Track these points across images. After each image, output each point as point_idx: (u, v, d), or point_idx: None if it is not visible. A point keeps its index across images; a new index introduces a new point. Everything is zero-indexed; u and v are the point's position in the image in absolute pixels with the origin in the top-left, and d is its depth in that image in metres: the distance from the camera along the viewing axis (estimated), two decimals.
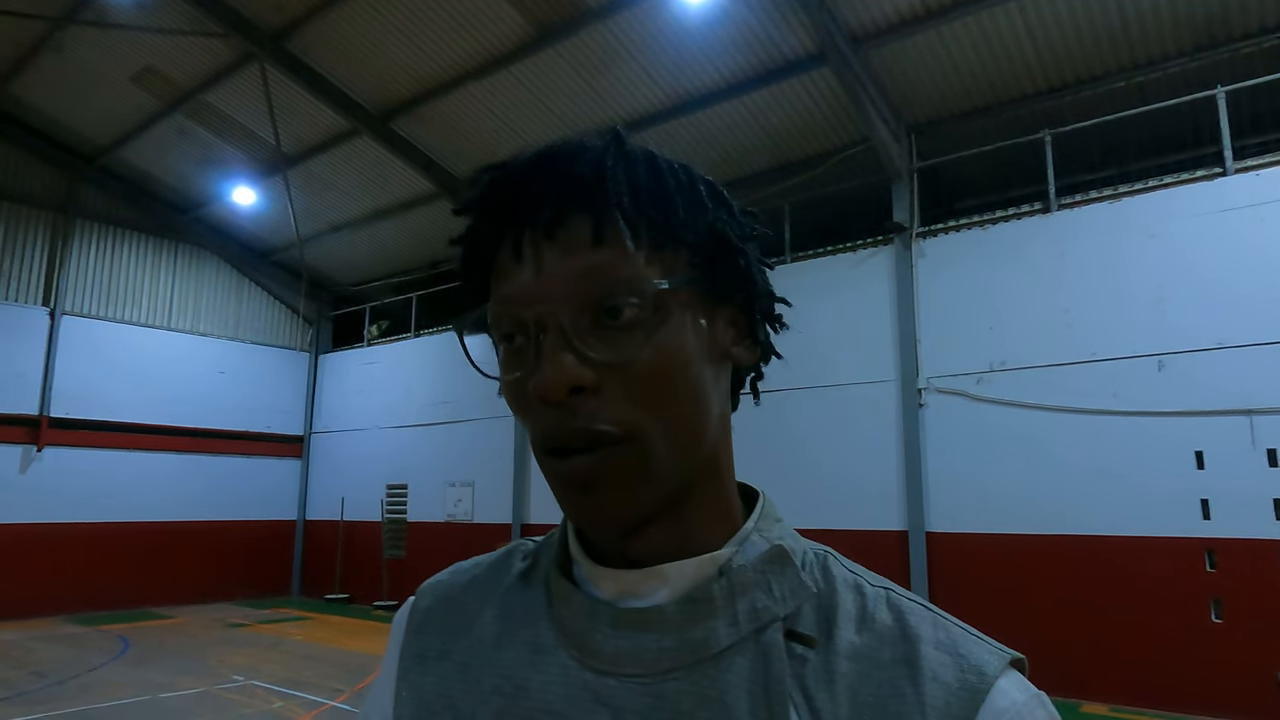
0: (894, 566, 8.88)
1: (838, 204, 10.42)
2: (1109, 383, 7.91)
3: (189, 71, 11.58)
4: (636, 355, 0.55)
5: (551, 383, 0.54)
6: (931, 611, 0.59)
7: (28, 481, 12.71)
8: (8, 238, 13.05)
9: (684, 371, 0.57)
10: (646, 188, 0.58)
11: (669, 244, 0.57)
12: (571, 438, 0.55)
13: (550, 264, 0.56)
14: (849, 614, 0.58)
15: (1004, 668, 0.56)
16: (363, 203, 13.74)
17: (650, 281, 0.55)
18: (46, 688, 8.01)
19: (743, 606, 0.57)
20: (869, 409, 9.36)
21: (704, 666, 0.56)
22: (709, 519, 0.61)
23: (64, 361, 13.19)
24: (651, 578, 0.59)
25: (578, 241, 0.55)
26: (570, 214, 0.56)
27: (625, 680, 0.57)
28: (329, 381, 16.34)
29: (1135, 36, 8.21)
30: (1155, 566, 7.46)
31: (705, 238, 0.59)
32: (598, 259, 0.55)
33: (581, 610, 0.60)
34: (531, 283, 0.56)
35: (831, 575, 0.61)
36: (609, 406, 0.55)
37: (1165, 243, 7.84)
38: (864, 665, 0.56)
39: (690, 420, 0.58)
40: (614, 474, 0.55)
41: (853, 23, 8.67)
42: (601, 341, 0.55)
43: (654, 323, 0.55)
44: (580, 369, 0.54)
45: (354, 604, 14.48)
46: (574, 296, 0.55)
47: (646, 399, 0.55)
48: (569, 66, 9.99)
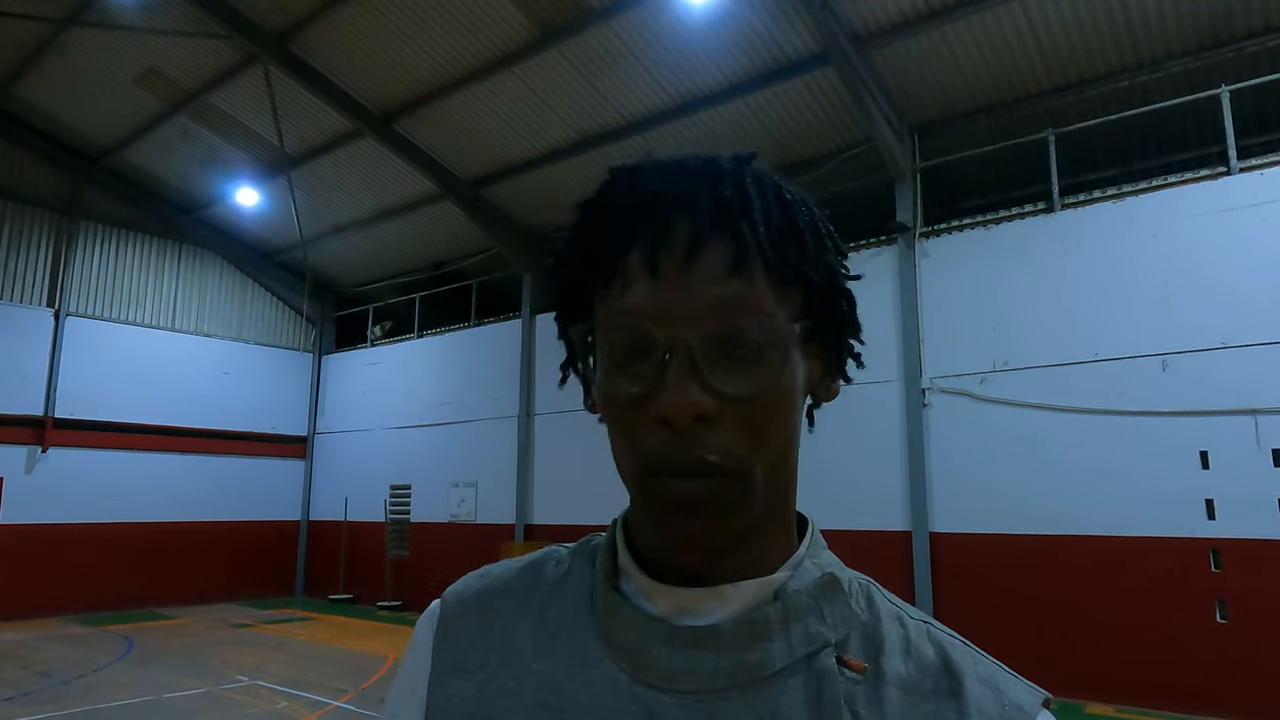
0: (898, 567, 8.88)
1: (841, 204, 10.39)
2: (1113, 383, 7.90)
3: (192, 73, 11.61)
4: (760, 392, 0.55)
5: (679, 408, 0.53)
6: (969, 647, 0.62)
7: (33, 482, 12.74)
8: (13, 239, 13.09)
9: (791, 410, 0.59)
10: (780, 221, 0.58)
11: (794, 281, 0.58)
12: (686, 465, 0.55)
13: (687, 286, 0.55)
14: (895, 644, 0.60)
15: (1039, 706, 0.58)
16: (366, 203, 13.76)
17: (785, 322, 0.56)
18: (51, 688, 8.03)
19: (797, 631, 0.58)
20: (872, 409, 9.35)
21: (759, 687, 0.57)
22: (772, 543, 0.62)
23: (68, 362, 13.23)
24: (711, 597, 0.59)
25: (716, 267, 0.55)
26: (712, 238, 0.56)
27: (680, 697, 0.57)
28: (333, 382, 16.36)
29: (1139, 36, 8.19)
30: (1160, 567, 7.44)
31: (824, 278, 0.60)
32: (735, 290, 0.55)
33: (635, 624, 0.60)
34: (665, 300, 0.55)
35: (876, 605, 0.63)
36: (725, 438, 0.55)
37: (1169, 242, 7.82)
38: (911, 694, 0.57)
39: (785, 455, 0.60)
40: (720, 503, 0.56)
41: (855, 22, 8.66)
42: (727, 373, 0.55)
43: (780, 361, 0.56)
44: (706, 399, 0.54)
45: (358, 604, 14.50)
46: (707, 324, 0.54)
47: (758, 434, 0.56)
48: (572, 67, 10.00)
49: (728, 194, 0.57)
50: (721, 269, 0.55)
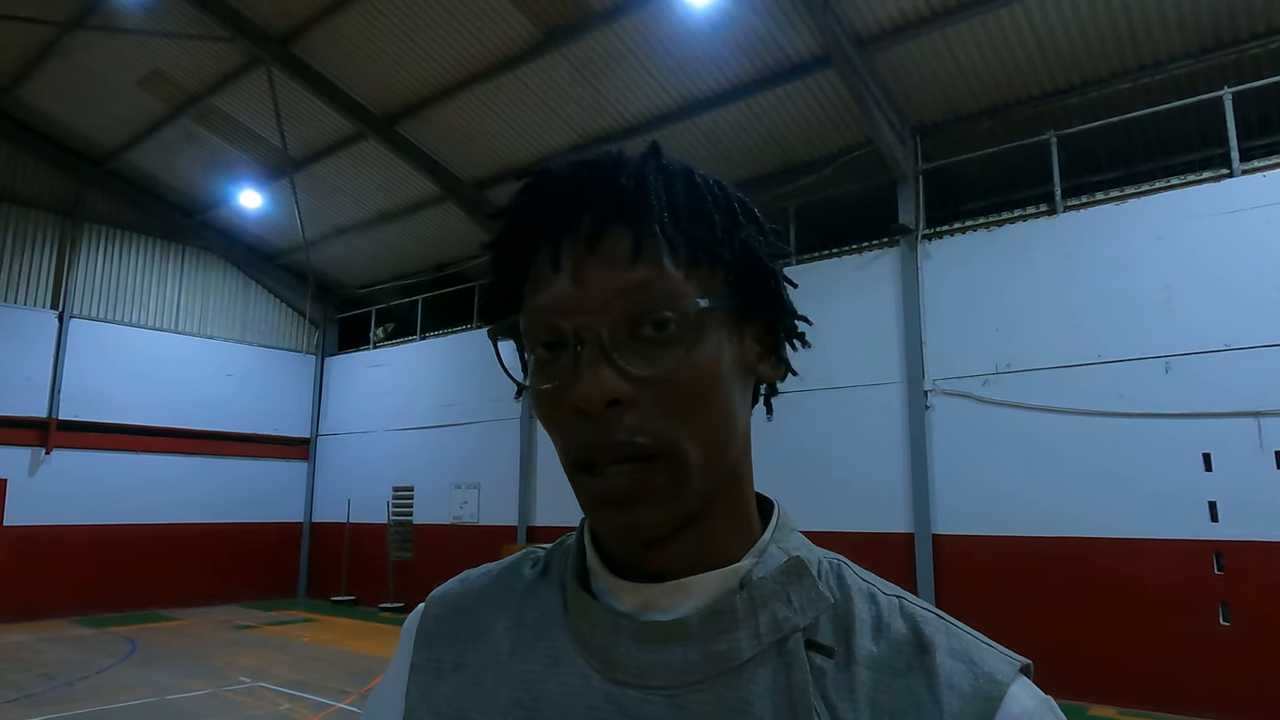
0: (900, 569, 8.87)
1: (843, 206, 10.42)
2: (1116, 384, 7.89)
3: (195, 75, 11.64)
4: (674, 371, 0.55)
5: (589, 395, 0.54)
6: (943, 619, 0.61)
7: (36, 484, 12.77)
8: (16, 241, 13.12)
9: (717, 387, 0.58)
10: (686, 204, 0.58)
11: (706, 261, 0.58)
12: (606, 451, 0.55)
13: (590, 276, 0.56)
14: (865, 623, 0.59)
15: (1015, 674, 0.58)
16: (368, 206, 13.78)
17: (692, 300, 0.56)
18: (55, 689, 8.04)
19: (764, 618, 0.58)
20: (875, 411, 9.35)
21: (728, 678, 0.56)
22: (729, 530, 0.62)
23: (72, 364, 13.25)
24: (674, 591, 0.59)
25: (618, 255, 0.56)
26: (611, 226, 0.56)
27: (650, 692, 0.57)
28: (335, 384, 16.38)
29: (1141, 38, 8.20)
30: (1163, 569, 7.43)
31: (740, 256, 0.60)
32: (638, 274, 0.55)
33: (603, 623, 0.60)
34: (570, 293, 0.56)
35: (846, 585, 0.62)
36: (644, 420, 0.55)
37: (1172, 244, 7.82)
38: (882, 674, 0.57)
39: (721, 434, 0.59)
40: (650, 489, 0.56)
41: (857, 25, 8.67)
42: (638, 356, 0.55)
43: (691, 339, 0.56)
44: (618, 382, 0.54)
45: (360, 606, 14.51)
46: (613, 310, 0.55)
47: (681, 413, 0.56)
48: (574, 69, 10.02)
49: (624, 183, 0.57)
50: (622, 256, 0.55)
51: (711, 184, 0.61)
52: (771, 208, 10.57)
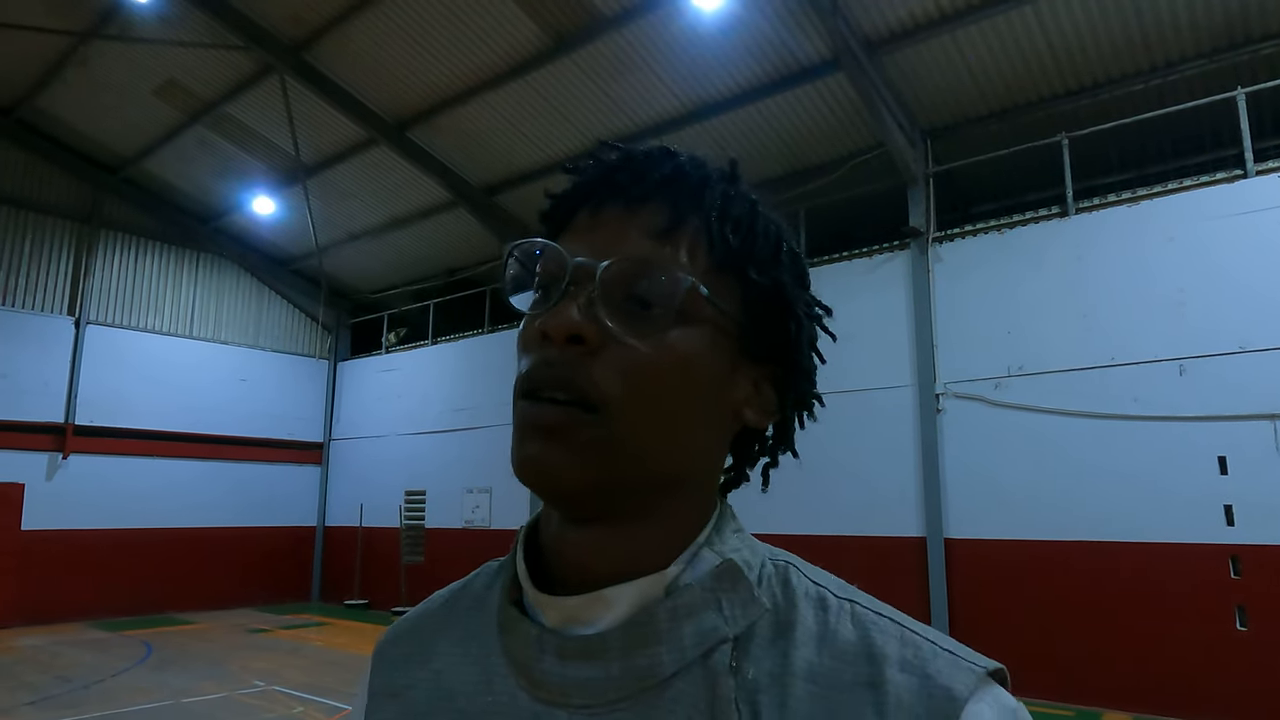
0: (912, 573, 8.83)
1: (853, 209, 10.40)
2: (1129, 387, 7.84)
3: (210, 84, 11.76)
4: (643, 341, 0.55)
5: (557, 323, 0.54)
6: (899, 625, 0.56)
7: (54, 488, 12.90)
8: (34, 248, 13.28)
9: (678, 379, 0.56)
10: (733, 216, 0.60)
11: (730, 273, 0.59)
12: (549, 381, 0.55)
13: (614, 231, 0.58)
14: (809, 630, 0.55)
15: (976, 686, 0.52)
16: (380, 211, 13.87)
17: (692, 281, 0.56)
18: (71, 692, 8.12)
19: (689, 629, 0.54)
20: (886, 414, 9.32)
21: (650, 696, 0.53)
22: (661, 538, 0.58)
23: (89, 370, 13.39)
24: (594, 604, 0.56)
25: (648, 227, 0.58)
26: (654, 200, 0.59)
27: (574, 712, 0.55)
28: (348, 388, 16.48)
29: (1153, 39, 8.15)
30: (1178, 573, 7.37)
31: (766, 290, 0.60)
32: (655, 248, 0.57)
33: (528, 639, 0.58)
34: (590, 238, 0.58)
35: (792, 588, 0.58)
36: (596, 368, 0.54)
37: (1186, 245, 7.77)
38: (822, 687, 0.52)
39: (669, 430, 0.57)
40: (574, 430, 0.54)
41: (867, 28, 8.66)
42: (619, 315, 0.56)
43: (674, 325, 0.56)
44: (588, 323, 0.55)
45: (373, 609, 14.57)
46: (616, 267, 0.56)
47: (633, 385, 0.55)
48: (584, 75, 10.05)
49: (688, 170, 0.60)
50: (652, 227, 0.57)
51: (771, 220, 0.63)
52: (782, 211, 10.54)
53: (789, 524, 9.63)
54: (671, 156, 0.61)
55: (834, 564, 2.70)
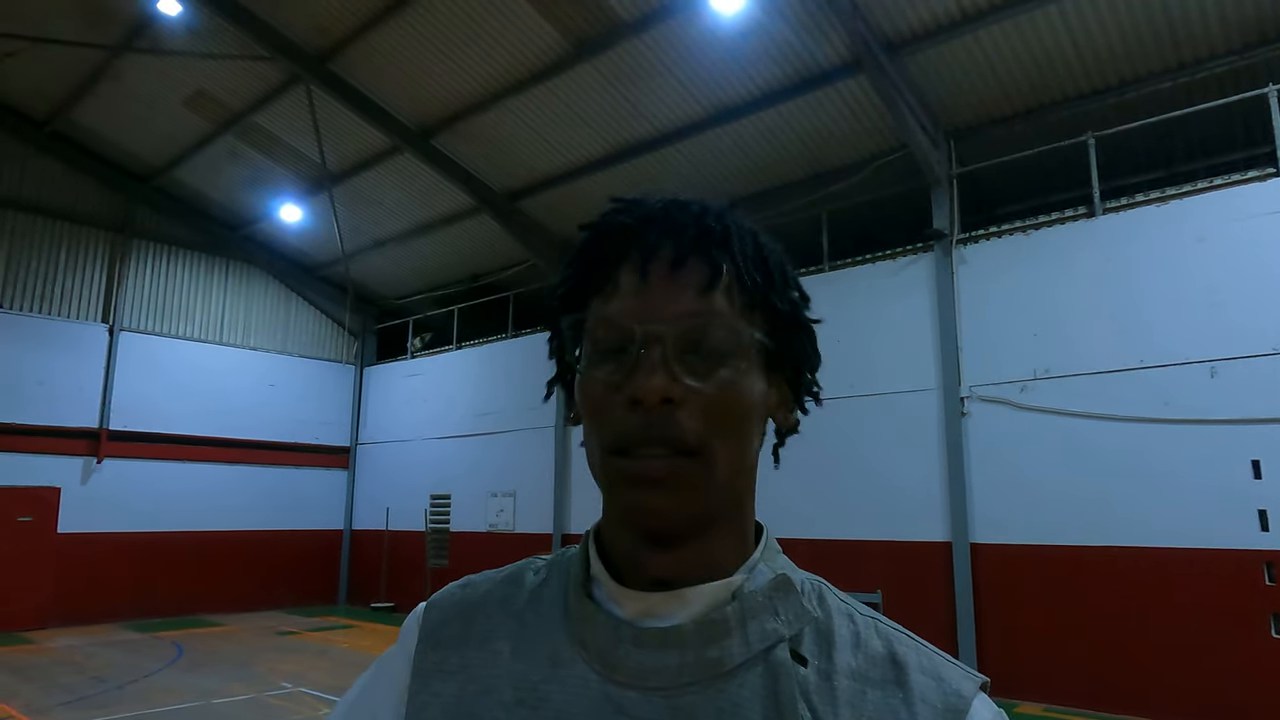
0: (938, 578, 8.74)
1: (876, 211, 10.33)
2: (1159, 390, 7.71)
3: (238, 94, 11.97)
4: (714, 386, 0.63)
5: (650, 388, 0.61)
6: (915, 640, 0.67)
7: (88, 492, 13.17)
8: (69, 258, 13.59)
9: (746, 411, 0.65)
10: (753, 255, 0.68)
11: (760, 307, 0.67)
12: (653, 441, 0.62)
13: (668, 293, 0.65)
14: (845, 639, 0.66)
15: (977, 690, 0.64)
16: (405, 218, 14.01)
17: (748, 331, 0.65)
18: (105, 692, 8.28)
19: (753, 628, 0.64)
20: (910, 418, 9.24)
21: (719, 682, 0.62)
22: (728, 548, 0.68)
23: (122, 376, 13.67)
24: (672, 600, 0.65)
25: (695, 282, 0.65)
26: (694, 257, 0.66)
27: (647, 693, 0.63)
28: (374, 393, 16.65)
29: (1181, 36, 8.02)
30: (1210, 580, 7.23)
31: (787, 310, 0.69)
32: (709, 302, 0.64)
33: (605, 628, 0.66)
34: (648, 304, 0.64)
35: (827, 603, 0.69)
36: (688, 421, 0.62)
37: (1217, 246, 7.63)
38: (860, 684, 0.63)
39: (740, 452, 0.66)
40: (680, 476, 0.62)
41: (888, 30, 8.61)
42: (693, 368, 0.63)
43: (732, 365, 0.64)
44: (672, 384, 0.62)
45: (398, 612, 14.69)
46: (682, 324, 0.63)
47: (715, 423, 0.63)
48: (605, 81, 10.09)
49: (711, 224, 0.67)
50: (698, 284, 0.65)
51: (772, 247, 0.71)
52: (804, 214, 10.54)
53: (815, 528, 9.59)
54: (692, 211, 0.68)
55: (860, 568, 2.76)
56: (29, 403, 12.68)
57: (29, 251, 13.16)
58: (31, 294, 13.09)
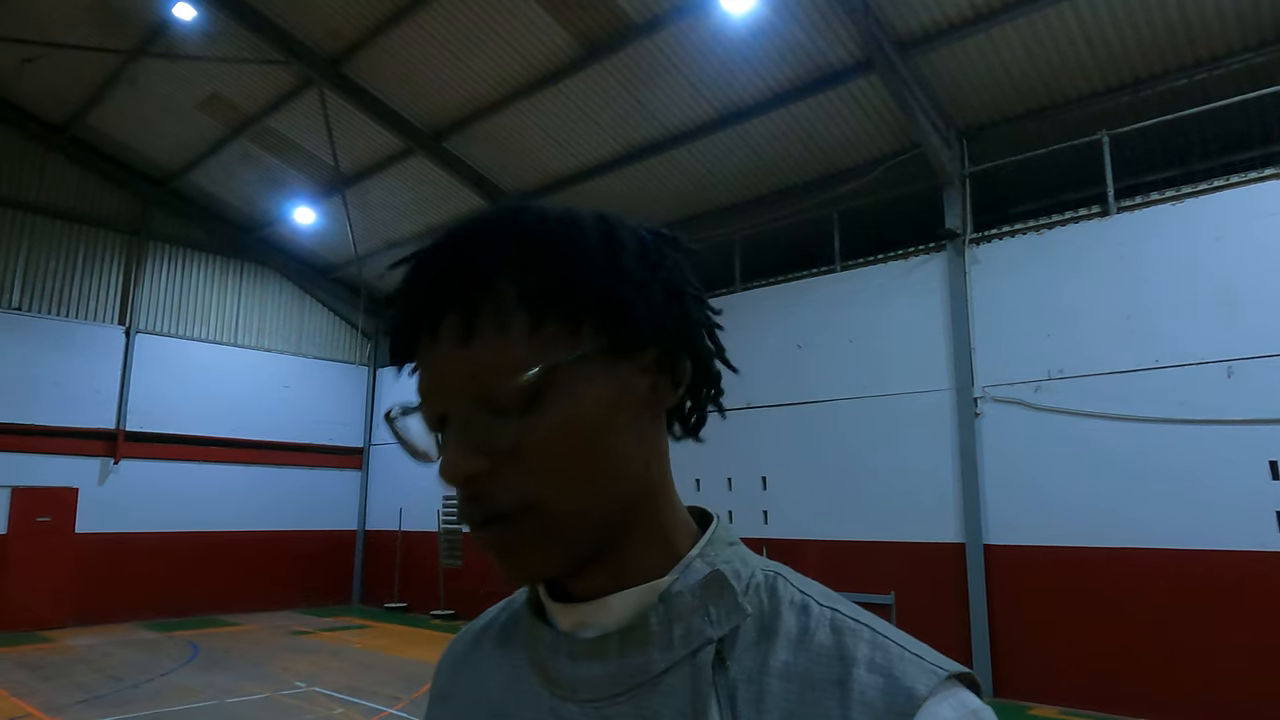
0: (951, 580, 8.70)
1: (888, 211, 10.29)
2: (1175, 390, 7.64)
3: (252, 98, 12.06)
4: (523, 439, 0.57)
5: (448, 473, 0.58)
6: (874, 631, 0.59)
7: (105, 493, 13.30)
8: (86, 260, 13.73)
9: (579, 439, 0.58)
10: (523, 262, 0.58)
11: (550, 318, 0.58)
12: (479, 517, 0.59)
13: (438, 363, 0.59)
14: (789, 634, 0.60)
15: (937, 687, 0.55)
16: (417, 220, 14.07)
17: (521, 376, 0.56)
18: (121, 691, 8.36)
19: (678, 631, 0.60)
20: (923, 419, 9.20)
21: (644, 690, 0.60)
22: (647, 551, 0.64)
23: (139, 378, 13.80)
24: (598, 610, 0.63)
25: (455, 340, 0.58)
26: (448, 312, 0.58)
27: (582, 705, 0.62)
28: (387, 394, 16.72)
29: (1197, 32, 7.95)
30: (1227, 582, 7.15)
31: (590, 300, 0.59)
32: (476, 355, 0.57)
33: (545, 642, 0.66)
34: (429, 380, 0.60)
35: (778, 596, 0.62)
36: (503, 487, 0.58)
37: (1234, 245, 7.55)
38: (796, 685, 0.57)
39: (600, 478, 0.60)
40: (519, 542, 0.59)
41: (899, 29, 8.58)
42: (494, 430, 0.57)
43: (540, 402, 0.57)
44: (472, 459, 0.57)
45: (412, 613, 14.75)
46: (461, 392, 0.58)
47: (544, 474, 0.58)
48: (615, 82, 10.10)
49: (457, 264, 0.59)
50: (458, 340, 0.58)
51: (560, 228, 0.61)
52: (815, 214, 10.51)
53: (828, 530, 9.57)
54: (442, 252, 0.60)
55: (873, 570, 2.75)
56: (47, 404, 12.82)
57: (47, 255, 13.31)
58: (49, 296, 13.24)
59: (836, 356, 9.83)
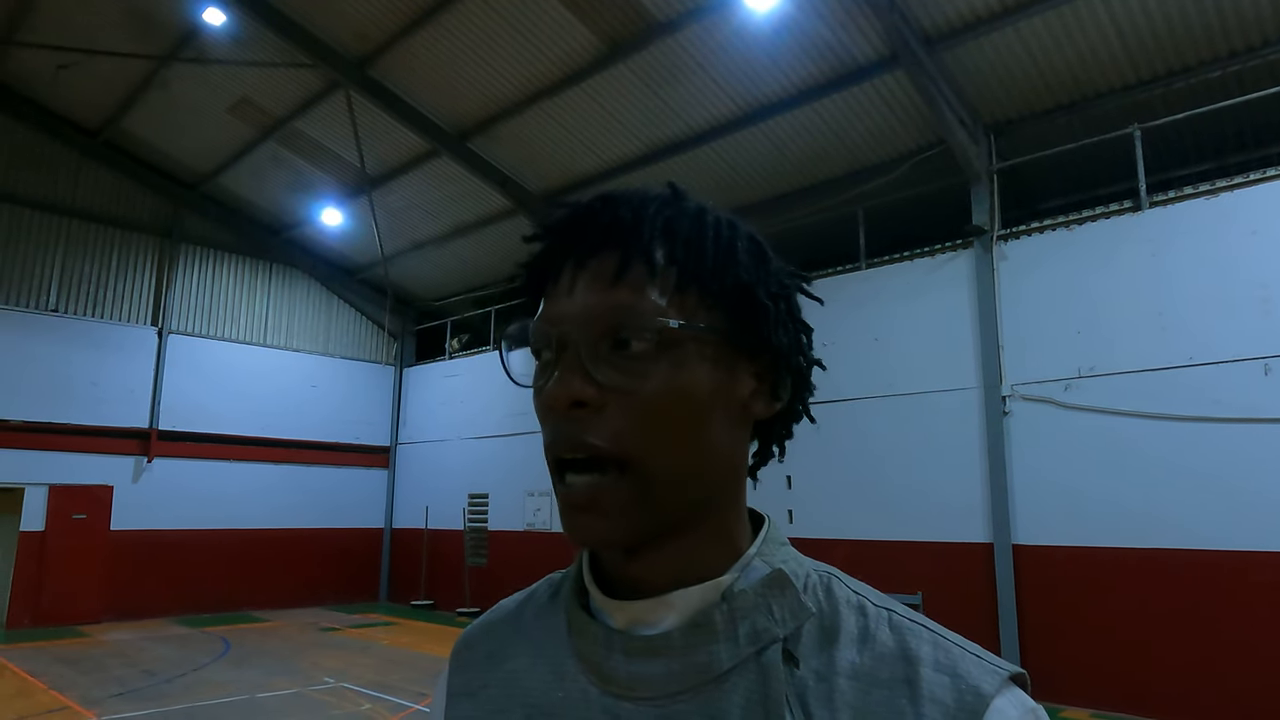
0: (979, 580, 8.61)
1: (914, 208, 10.20)
2: (1209, 388, 7.50)
3: (280, 101, 12.22)
4: (638, 384, 0.59)
5: (557, 395, 0.59)
6: (932, 632, 0.61)
7: (139, 491, 13.55)
8: (120, 262, 13.99)
9: (685, 408, 0.60)
10: (682, 235, 0.63)
11: (692, 289, 0.62)
12: (566, 446, 0.60)
13: (579, 291, 0.62)
14: (850, 634, 0.61)
15: (1001, 686, 0.58)
16: (443, 221, 14.18)
17: (659, 319, 0.59)
18: (155, 685, 8.51)
19: (743, 629, 0.60)
20: (950, 417, 9.10)
21: (709, 688, 0.59)
22: (712, 548, 0.64)
23: (171, 377, 14.04)
24: (658, 607, 0.63)
25: (604, 275, 0.61)
26: (603, 250, 0.62)
27: (639, 703, 0.61)
28: (413, 394, 16.87)
29: (1231, 23, 7.79)
30: (1264, 583, 7.01)
31: (730, 289, 0.63)
32: (619, 294, 0.60)
33: (597, 639, 0.64)
34: (562, 305, 0.62)
35: (834, 596, 0.64)
36: (606, 425, 0.59)
37: (1270, 239, 7.39)
38: (863, 683, 0.58)
39: (692, 456, 0.61)
40: (609, 499, 0.60)
41: (925, 24, 8.50)
42: (611, 367, 0.59)
43: (661, 358, 0.60)
44: (584, 386, 0.59)
45: (438, 610, 14.87)
46: (592, 322, 0.60)
47: (645, 427, 0.59)
48: (639, 81, 10.11)
49: (624, 213, 0.63)
50: (607, 276, 0.61)
51: (721, 222, 0.65)
52: (841, 211, 10.44)
53: (855, 529, 9.51)
54: (610, 202, 0.64)
55: (900, 569, 2.74)
56: (82, 404, 13.07)
57: (82, 257, 13.58)
58: (84, 298, 13.50)
59: (862, 354, 9.75)
